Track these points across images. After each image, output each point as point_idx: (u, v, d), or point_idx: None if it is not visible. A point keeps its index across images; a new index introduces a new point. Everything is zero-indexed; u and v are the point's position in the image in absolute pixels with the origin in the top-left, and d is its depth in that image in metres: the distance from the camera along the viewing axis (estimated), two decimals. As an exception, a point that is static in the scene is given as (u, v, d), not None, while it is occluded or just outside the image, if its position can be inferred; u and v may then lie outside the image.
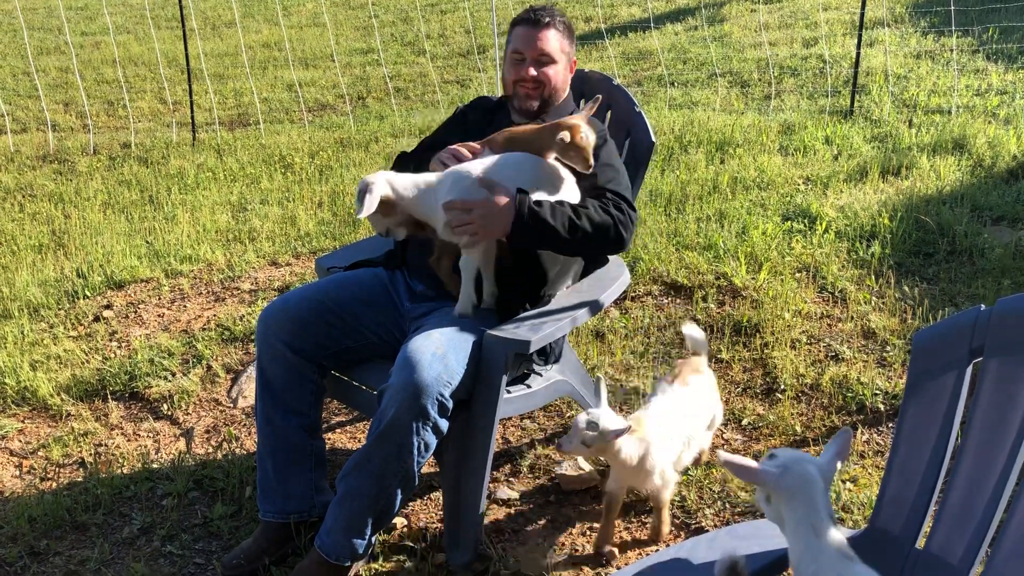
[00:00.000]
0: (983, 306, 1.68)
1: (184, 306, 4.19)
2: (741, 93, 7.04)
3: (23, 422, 3.37)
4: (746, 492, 2.74)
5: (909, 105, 6.36)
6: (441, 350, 2.32)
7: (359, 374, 2.63)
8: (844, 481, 2.75)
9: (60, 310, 4.19)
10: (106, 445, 3.21)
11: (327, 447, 3.09)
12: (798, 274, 4.03)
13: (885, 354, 3.43)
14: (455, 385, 2.31)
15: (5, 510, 2.87)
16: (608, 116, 3.00)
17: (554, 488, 2.86)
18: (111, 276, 4.45)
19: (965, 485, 1.68)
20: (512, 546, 2.62)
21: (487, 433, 2.43)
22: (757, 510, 1.79)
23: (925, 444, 1.74)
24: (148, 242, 4.88)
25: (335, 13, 11.17)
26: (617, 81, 3.00)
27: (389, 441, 2.28)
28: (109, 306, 4.21)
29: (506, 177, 2.41)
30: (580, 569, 2.52)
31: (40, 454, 3.17)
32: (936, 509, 1.74)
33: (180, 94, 7.93)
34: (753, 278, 4.00)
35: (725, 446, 2.98)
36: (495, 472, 2.93)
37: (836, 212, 4.60)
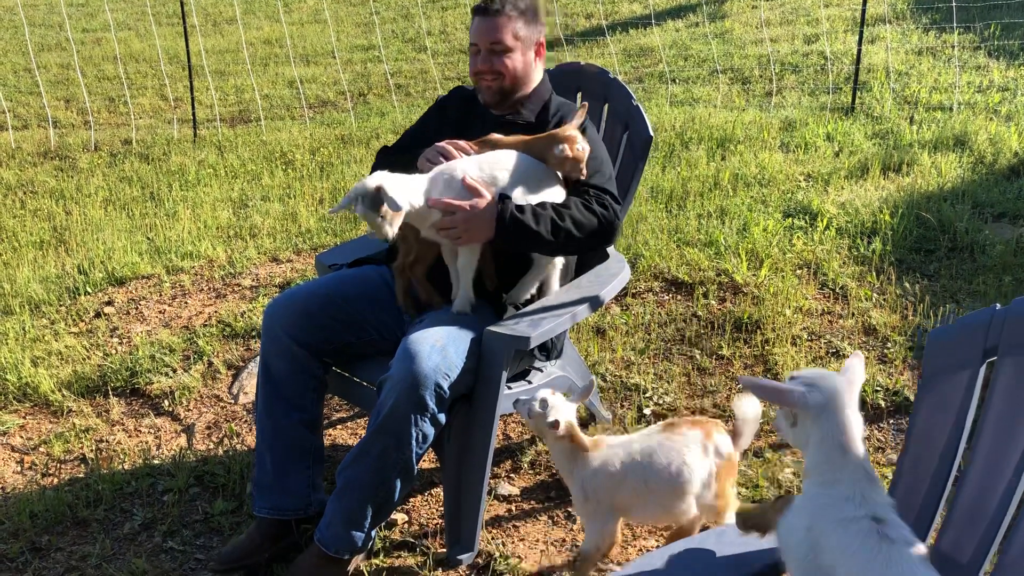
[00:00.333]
0: (998, 305, 1.67)
1: (185, 302, 4.19)
2: (742, 90, 7.04)
3: (24, 418, 3.37)
4: (749, 488, 2.74)
5: (910, 102, 6.36)
6: (440, 342, 2.33)
7: (360, 370, 2.63)
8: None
9: (61, 306, 4.20)
10: (107, 441, 3.21)
11: (328, 443, 3.10)
12: (799, 271, 4.03)
13: (886, 350, 3.43)
14: (453, 377, 2.32)
15: (7, 506, 2.87)
16: (605, 110, 2.99)
17: (555, 484, 2.86)
18: (112, 272, 4.45)
19: (976, 485, 1.67)
20: (513, 542, 2.62)
21: (488, 429, 2.44)
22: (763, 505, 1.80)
23: (937, 443, 1.73)
24: (149, 238, 4.88)
25: (336, 9, 11.16)
26: (614, 74, 2.99)
27: (388, 432, 2.29)
28: (110, 302, 4.21)
29: (496, 176, 2.40)
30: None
31: (41, 450, 3.18)
32: (947, 508, 1.74)
33: (181, 91, 7.92)
34: (754, 275, 4.00)
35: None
36: (496, 468, 2.94)
37: (837, 209, 4.59)
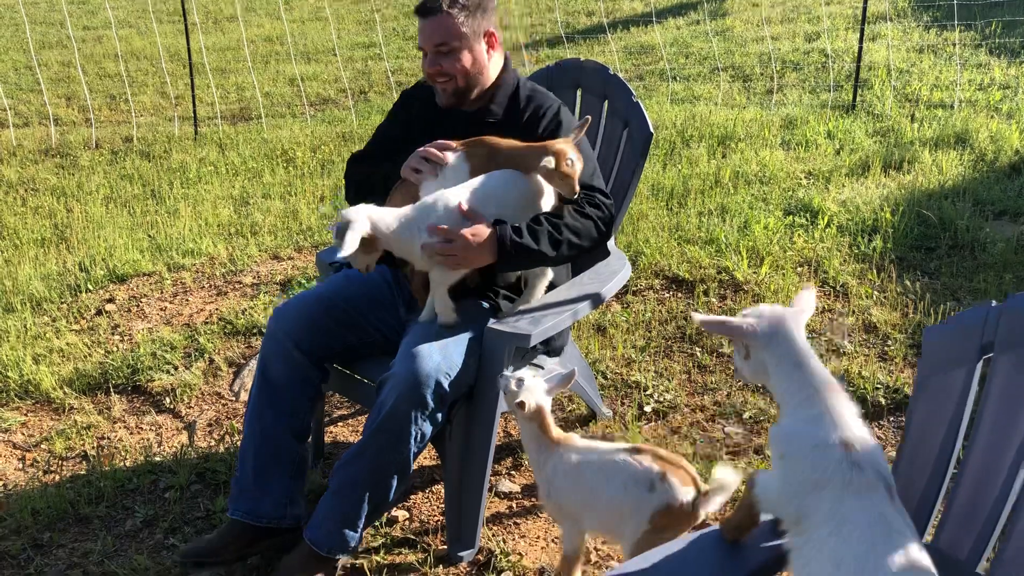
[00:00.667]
0: (994, 302, 1.68)
1: (186, 300, 4.20)
2: (743, 87, 7.03)
3: (26, 415, 3.38)
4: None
5: (911, 99, 6.36)
6: (441, 341, 2.33)
7: (362, 368, 2.63)
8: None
9: (62, 304, 4.20)
10: (109, 438, 3.22)
11: (328, 440, 3.11)
12: (800, 268, 4.03)
13: (886, 348, 3.43)
14: (454, 376, 2.32)
15: (8, 503, 2.88)
16: (605, 106, 2.99)
17: (555, 481, 2.86)
18: (113, 270, 4.46)
19: (974, 481, 1.67)
20: (513, 539, 2.63)
21: (489, 426, 2.44)
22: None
23: (934, 440, 1.74)
24: (150, 236, 4.88)
25: (337, 7, 11.16)
26: (614, 71, 2.98)
27: (387, 430, 2.29)
28: (111, 300, 4.22)
29: (492, 201, 2.35)
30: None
31: (43, 447, 3.18)
32: (944, 504, 1.74)
33: (182, 88, 7.92)
34: (755, 272, 4.00)
35: (727, 439, 2.99)
36: (496, 465, 2.94)
37: (838, 206, 4.59)
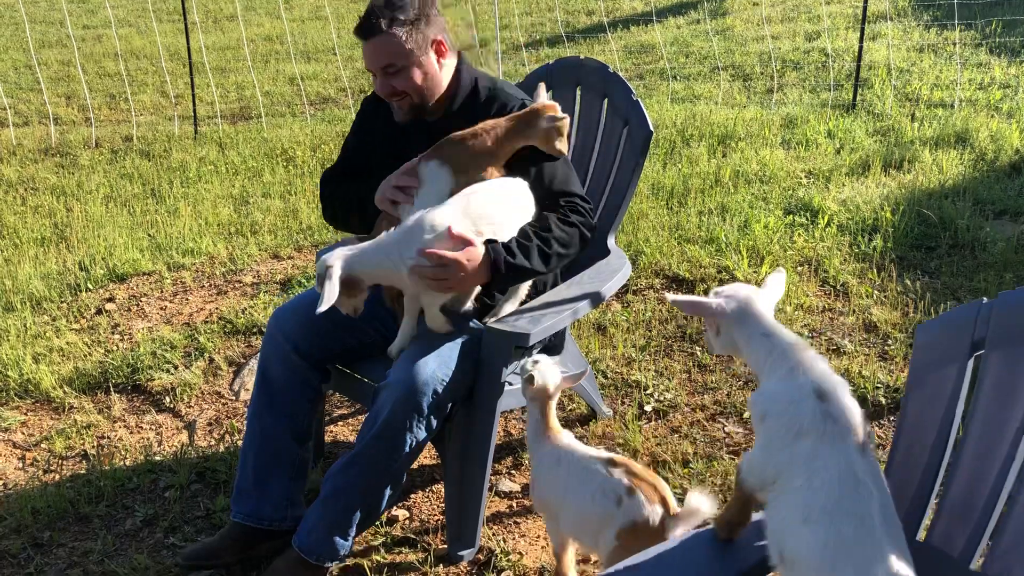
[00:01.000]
0: (985, 299, 1.68)
1: (186, 299, 4.20)
2: (743, 87, 7.03)
3: (26, 414, 3.38)
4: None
5: (912, 99, 6.35)
6: (436, 348, 2.33)
7: (362, 368, 2.63)
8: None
9: (62, 303, 4.20)
10: (109, 437, 3.22)
11: (328, 440, 3.11)
12: (800, 268, 4.03)
13: (887, 348, 3.43)
14: (449, 381, 2.32)
15: (8, 502, 2.88)
16: (605, 105, 2.98)
17: (555, 481, 2.86)
18: (113, 269, 4.46)
19: (966, 478, 1.68)
20: (513, 538, 2.63)
21: (488, 426, 2.44)
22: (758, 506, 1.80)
23: (927, 437, 1.74)
24: (150, 235, 4.88)
25: (337, 6, 11.15)
26: (613, 69, 2.98)
27: (382, 438, 2.29)
28: (111, 299, 4.22)
29: (478, 219, 2.29)
30: (580, 561, 2.52)
31: (43, 446, 3.18)
32: (937, 502, 1.74)
33: (182, 87, 7.92)
34: (755, 272, 4.00)
35: (727, 439, 2.99)
36: (496, 465, 2.94)
37: (838, 206, 4.59)
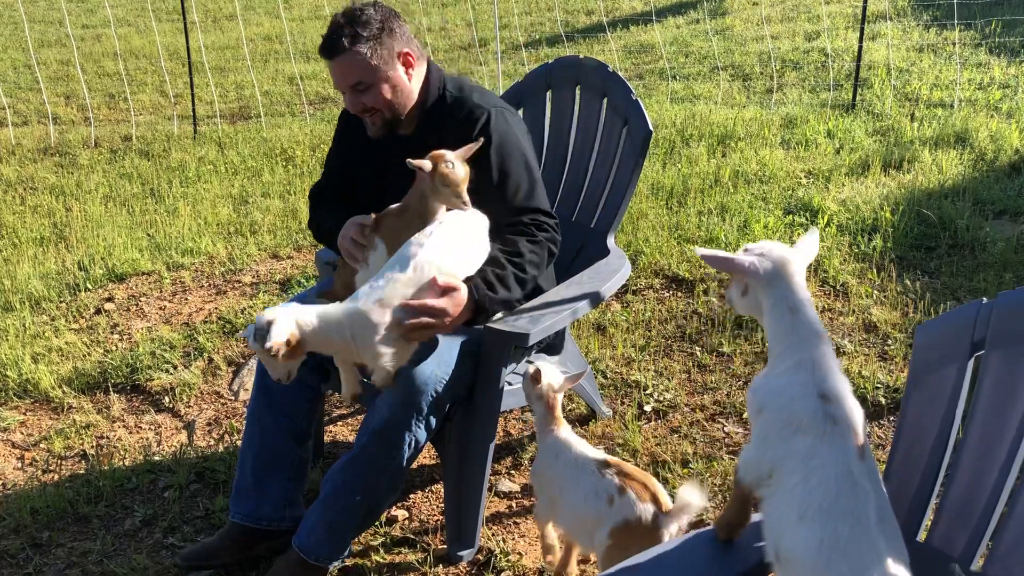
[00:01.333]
0: (984, 299, 1.68)
1: (185, 299, 4.19)
2: (743, 87, 7.03)
3: (25, 414, 3.37)
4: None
5: (911, 99, 6.35)
6: (437, 349, 2.33)
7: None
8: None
9: (61, 303, 4.20)
10: (108, 437, 3.21)
11: (328, 440, 3.11)
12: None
13: (887, 348, 3.43)
14: (448, 381, 2.32)
15: (7, 502, 2.87)
16: (604, 104, 2.98)
17: (555, 481, 2.86)
18: (112, 269, 4.46)
19: (966, 479, 1.68)
20: (513, 538, 2.63)
21: (488, 426, 2.44)
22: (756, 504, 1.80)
23: (927, 438, 1.74)
24: (149, 235, 4.88)
25: (336, 6, 11.14)
26: (612, 69, 2.97)
27: (382, 439, 2.29)
28: (110, 299, 4.21)
29: (451, 261, 2.22)
30: (580, 561, 2.52)
31: (42, 446, 3.18)
32: (937, 502, 1.74)
33: (181, 87, 7.91)
34: (754, 272, 3.99)
35: (727, 439, 2.99)
36: (496, 465, 2.94)
37: (838, 206, 4.59)
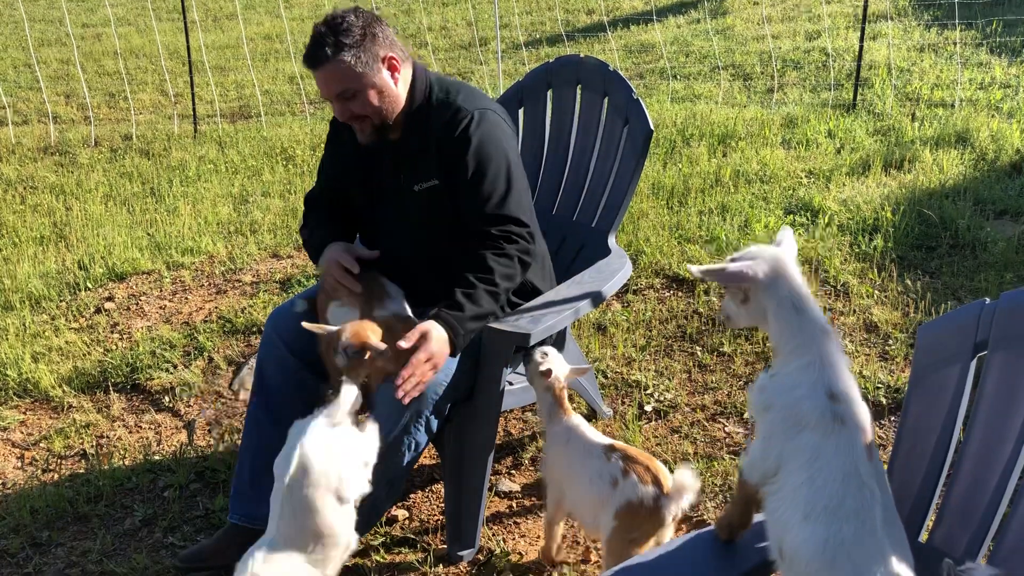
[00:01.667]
0: (987, 300, 1.68)
1: (186, 298, 4.19)
2: (744, 86, 7.03)
3: (25, 413, 3.37)
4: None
5: (912, 98, 6.35)
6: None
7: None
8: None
9: (62, 302, 4.19)
10: (108, 437, 3.21)
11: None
12: (800, 268, 4.01)
13: (887, 348, 3.42)
14: (449, 383, 2.32)
15: (7, 501, 2.87)
16: (605, 103, 2.98)
17: (556, 481, 2.85)
18: (112, 268, 4.45)
19: (968, 479, 1.67)
20: (513, 538, 2.62)
21: (489, 425, 2.44)
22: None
23: (929, 438, 1.74)
24: (149, 234, 4.87)
25: (337, 4, 11.14)
26: (613, 68, 2.97)
27: (383, 440, 2.27)
28: (110, 298, 4.21)
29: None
30: (582, 561, 2.52)
31: (42, 445, 3.18)
32: (939, 503, 1.74)
33: (181, 86, 7.91)
34: (755, 271, 3.99)
35: (727, 439, 2.99)
36: (496, 464, 2.93)
37: (838, 206, 4.59)
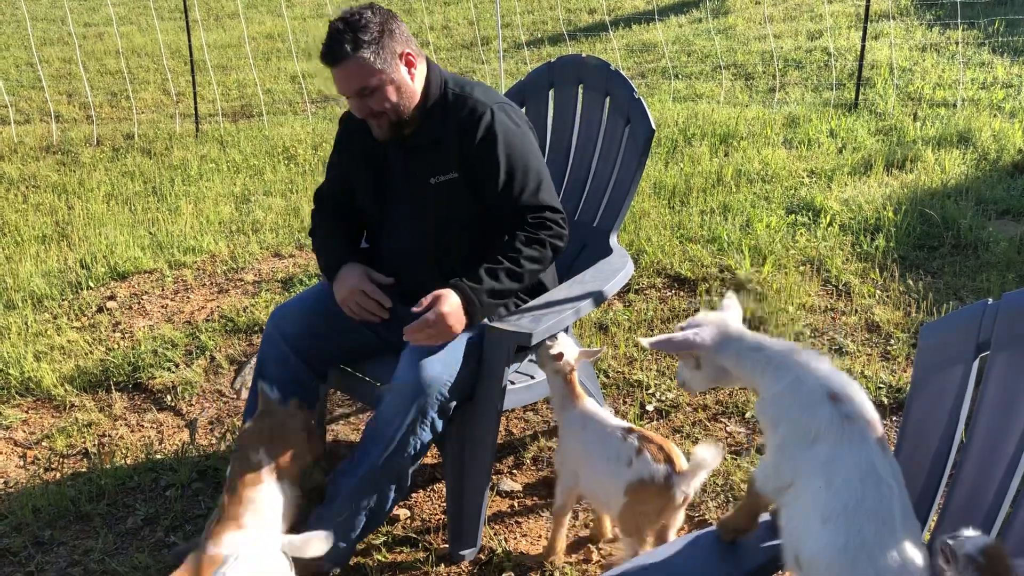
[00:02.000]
0: (990, 300, 1.67)
1: (187, 297, 4.19)
2: (745, 86, 7.02)
3: (27, 412, 3.37)
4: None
5: (914, 98, 6.34)
6: (440, 350, 2.33)
7: (366, 368, 2.62)
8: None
9: (64, 301, 4.20)
10: (110, 436, 3.21)
11: (329, 439, 3.11)
12: (802, 267, 4.02)
13: (889, 348, 3.42)
14: (453, 382, 2.32)
15: (9, 500, 2.88)
16: (607, 103, 2.98)
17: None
18: (114, 267, 4.46)
19: (971, 480, 1.67)
20: (515, 538, 2.63)
21: (490, 425, 2.43)
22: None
23: (931, 438, 1.73)
24: (151, 233, 4.88)
25: (338, 4, 11.14)
26: (615, 67, 2.97)
27: (387, 441, 2.28)
28: (112, 297, 4.22)
29: None
30: (583, 561, 2.52)
31: (44, 444, 3.18)
32: (942, 503, 1.74)
33: (183, 85, 7.91)
34: (757, 271, 3.99)
35: (728, 439, 2.99)
36: (498, 464, 2.94)
37: (840, 205, 4.59)
